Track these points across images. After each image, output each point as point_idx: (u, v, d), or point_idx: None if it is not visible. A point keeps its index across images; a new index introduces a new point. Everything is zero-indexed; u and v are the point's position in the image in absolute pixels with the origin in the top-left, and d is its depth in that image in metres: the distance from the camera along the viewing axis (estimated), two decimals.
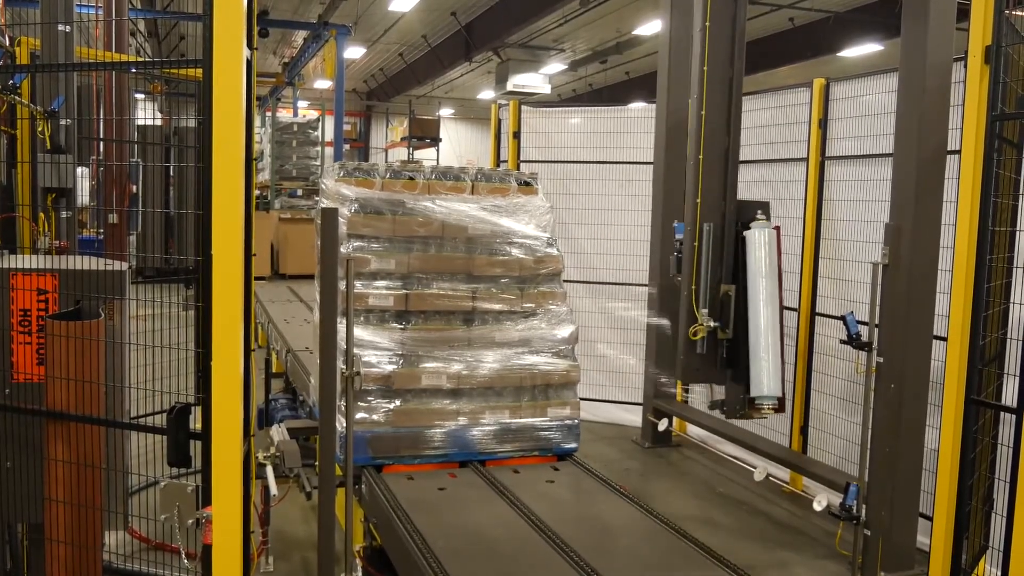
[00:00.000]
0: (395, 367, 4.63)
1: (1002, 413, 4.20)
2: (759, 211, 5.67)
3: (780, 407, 5.53)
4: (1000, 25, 3.73)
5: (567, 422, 4.95)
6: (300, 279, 12.20)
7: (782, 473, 6.71)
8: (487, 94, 25.64)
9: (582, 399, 5.14)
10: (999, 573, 3.69)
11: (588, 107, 11.80)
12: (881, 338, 5.02)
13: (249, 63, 3.13)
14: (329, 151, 19.85)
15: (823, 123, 6.54)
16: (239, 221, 2.94)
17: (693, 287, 5.61)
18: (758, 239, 5.49)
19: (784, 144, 6.99)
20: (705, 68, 5.62)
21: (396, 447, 4.61)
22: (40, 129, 5.20)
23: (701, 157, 5.70)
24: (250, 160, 3.15)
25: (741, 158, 7.44)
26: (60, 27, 5.31)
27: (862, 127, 6.24)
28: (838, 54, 17.17)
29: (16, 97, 5.32)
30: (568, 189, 8.67)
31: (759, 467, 6.62)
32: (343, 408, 4.16)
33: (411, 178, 5.02)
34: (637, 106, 9.24)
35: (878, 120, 6.03)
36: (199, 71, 3.00)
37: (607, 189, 8.65)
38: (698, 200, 5.67)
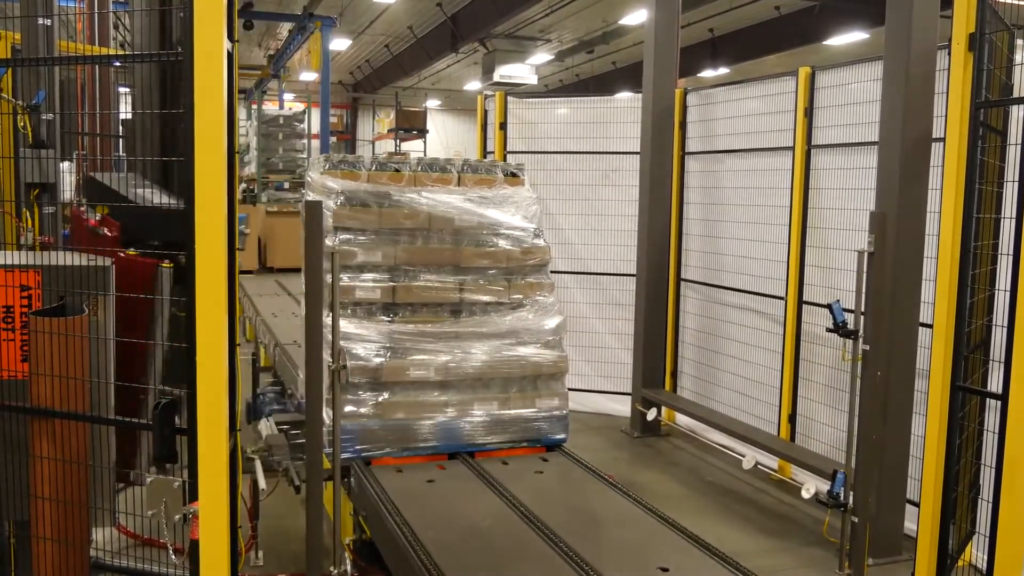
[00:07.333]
0: (383, 360, 4.61)
1: (988, 399, 4.23)
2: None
3: None
4: (983, 12, 3.74)
5: (556, 413, 4.95)
6: (288, 272, 12.17)
7: (770, 461, 6.73)
8: (474, 85, 25.57)
9: (571, 390, 5.15)
10: (985, 558, 3.72)
11: (575, 97, 11.76)
12: (867, 326, 5.03)
13: (231, 55, 3.10)
14: (315, 144, 19.81)
15: (809, 112, 6.54)
16: (222, 215, 2.92)
17: None
18: None
19: (770, 133, 6.99)
20: None
21: (384, 440, 4.60)
22: (22, 125, 5.15)
23: None
24: (233, 153, 3.13)
25: (726, 147, 7.52)
26: (41, 20, 5.26)
27: (847, 115, 6.24)
28: (824, 43, 17.20)
29: None
30: (555, 180, 8.65)
31: (747, 455, 6.65)
32: (331, 401, 4.15)
33: (397, 170, 5.00)
34: (624, 96, 9.22)
35: (863, 108, 6.04)
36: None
37: (594, 179, 8.64)
38: None
